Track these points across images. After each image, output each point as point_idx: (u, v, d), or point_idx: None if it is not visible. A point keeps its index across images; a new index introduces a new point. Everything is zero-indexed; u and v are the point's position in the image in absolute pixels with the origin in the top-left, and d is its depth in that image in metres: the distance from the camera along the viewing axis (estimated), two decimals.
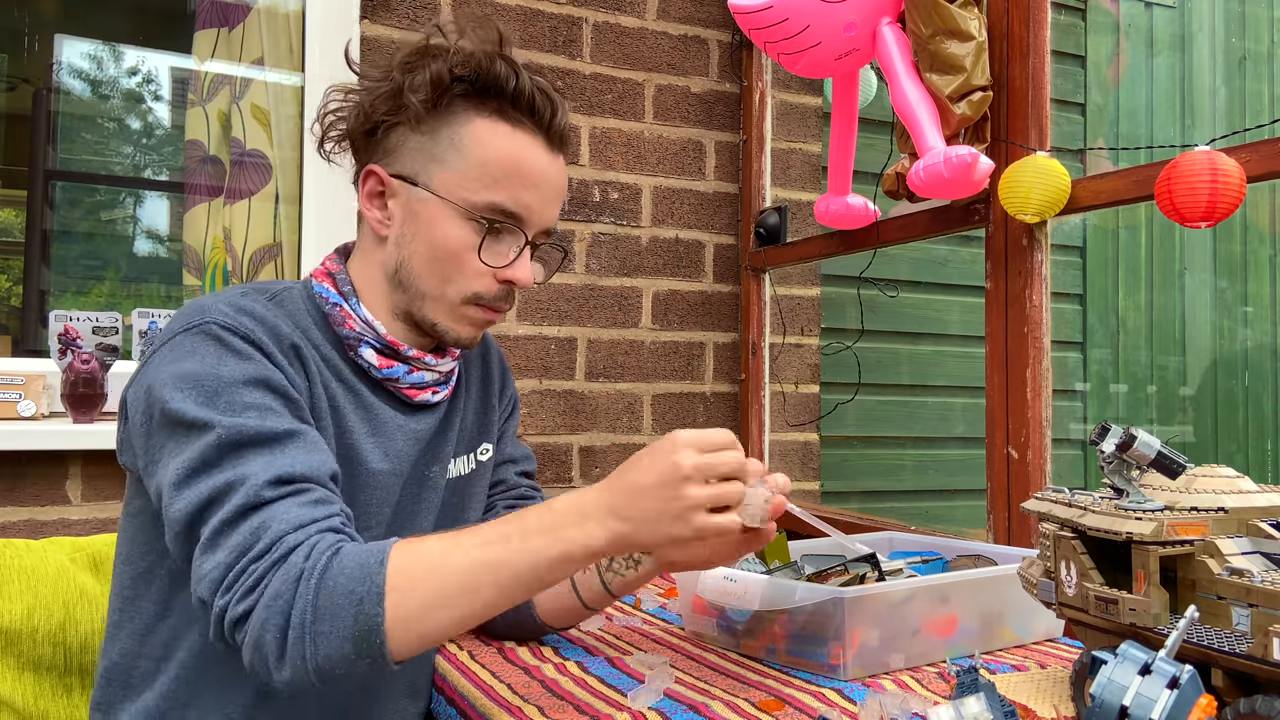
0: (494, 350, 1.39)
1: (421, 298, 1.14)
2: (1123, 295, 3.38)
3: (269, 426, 0.97)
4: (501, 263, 1.13)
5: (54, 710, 1.33)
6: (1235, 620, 0.84)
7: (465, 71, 1.10)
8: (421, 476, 1.21)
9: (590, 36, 2.29)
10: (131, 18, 2.98)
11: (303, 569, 0.88)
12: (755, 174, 2.36)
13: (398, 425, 1.17)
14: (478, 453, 1.31)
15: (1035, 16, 1.55)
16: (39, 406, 1.79)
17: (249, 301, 1.07)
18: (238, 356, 1.01)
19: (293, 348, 1.07)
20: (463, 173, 1.11)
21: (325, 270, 1.18)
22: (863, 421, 2.78)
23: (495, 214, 1.11)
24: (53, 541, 1.42)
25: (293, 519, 0.91)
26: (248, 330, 1.03)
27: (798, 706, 1.05)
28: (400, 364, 1.16)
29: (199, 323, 1.02)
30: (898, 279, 2.81)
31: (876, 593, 1.16)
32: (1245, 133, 1.46)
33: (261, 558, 0.89)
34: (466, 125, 1.12)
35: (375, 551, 0.90)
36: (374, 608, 0.87)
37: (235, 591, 0.89)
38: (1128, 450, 0.94)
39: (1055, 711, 1.02)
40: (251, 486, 0.92)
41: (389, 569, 0.88)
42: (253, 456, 0.95)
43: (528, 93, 1.12)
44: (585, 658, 1.26)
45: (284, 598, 0.87)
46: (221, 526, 0.91)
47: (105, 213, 2.94)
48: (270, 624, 0.87)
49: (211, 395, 0.97)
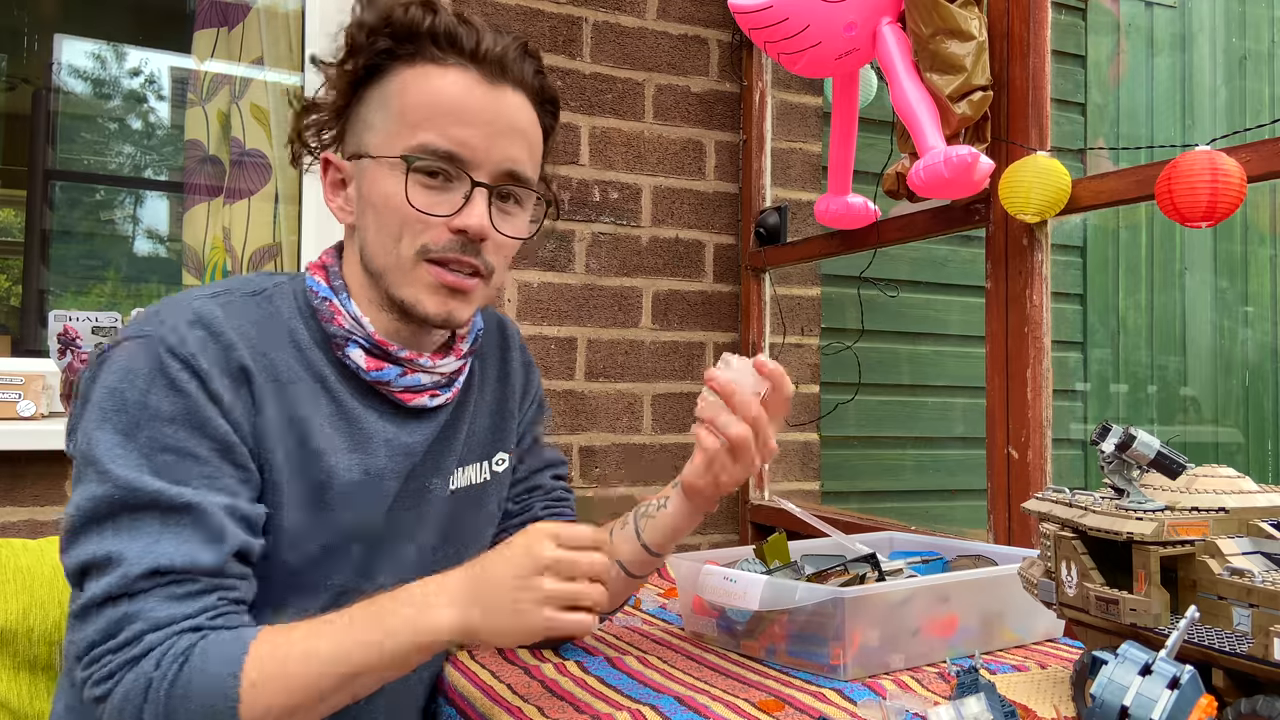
0: (514, 340, 1.29)
1: (384, 274, 1.05)
2: (1123, 295, 3.38)
3: (167, 494, 0.92)
4: (448, 210, 1.03)
5: (50, 710, 1.32)
6: (1236, 620, 0.84)
7: (375, 21, 1.04)
8: (419, 489, 1.12)
9: (590, 36, 2.29)
10: (131, 17, 2.98)
11: (150, 679, 0.88)
12: (755, 174, 2.36)
13: (384, 439, 1.08)
14: (493, 462, 1.22)
15: (1035, 16, 1.55)
16: (38, 406, 1.79)
17: (213, 307, 1.00)
18: (169, 388, 0.95)
19: (240, 370, 0.99)
20: (388, 127, 1.04)
21: (320, 263, 1.12)
22: (863, 421, 2.78)
23: (422, 154, 1.02)
24: (50, 541, 1.41)
25: (157, 617, 0.90)
26: (189, 355, 0.96)
27: (798, 707, 1.04)
28: (391, 365, 1.07)
29: (148, 334, 0.97)
30: (898, 279, 2.80)
31: (876, 593, 1.16)
32: (1245, 133, 1.46)
33: (117, 651, 0.89)
34: (392, 79, 1.05)
35: (230, 661, 0.89)
36: (229, 719, 0.88)
37: (91, 674, 0.90)
38: (1128, 450, 0.94)
39: (1055, 712, 1.02)
40: (126, 574, 0.90)
41: (244, 680, 0.88)
42: (141, 529, 0.92)
43: (445, 26, 1.03)
44: (585, 658, 1.26)
45: (133, 704, 0.88)
46: (90, 604, 0.91)
47: (105, 213, 2.94)
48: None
49: (134, 426, 0.93)
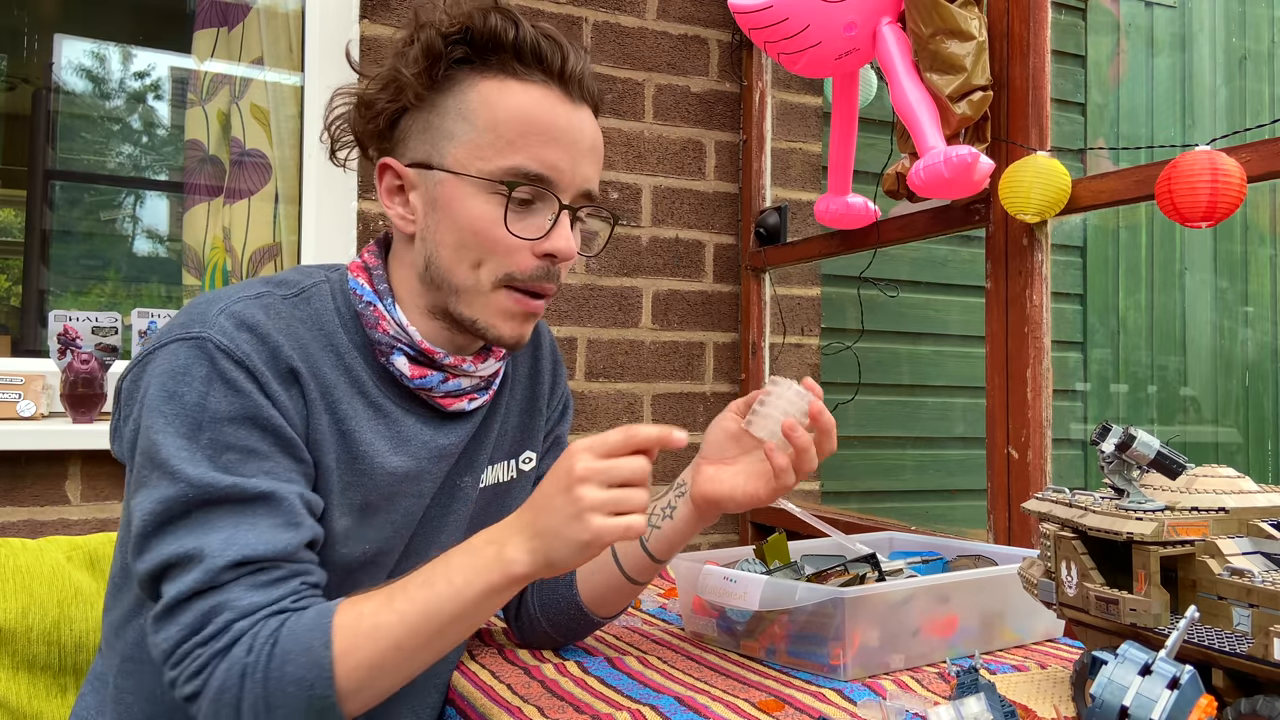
0: (546, 341, 1.28)
1: (455, 293, 1.04)
2: (1123, 295, 3.38)
3: (239, 487, 0.93)
4: (537, 234, 1.02)
5: (48, 710, 1.32)
6: (1236, 620, 0.84)
7: (456, 30, 1.01)
8: (452, 487, 1.13)
9: (590, 36, 2.29)
10: (131, 17, 2.98)
11: (245, 665, 0.88)
12: (755, 174, 2.35)
13: (423, 441, 1.08)
14: (520, 460, 1.23)
15: (1035, 16, 1.55)
16: (38, 406, 1.79)
17: (255, 309, 0.99)
18: (227, 386, 0.94)
19: (290, 372, 0.99)
20: (475, 141, 1.01)
21: (362, 264, 1.09)
22: (863, 421, 2.78)
23: (518, 178, 1.00)
24: (49, 540, 1.41)
25: (243, 605, 0.91)
26: (243, 355, 0.96)
27: (798, 707, 1.04)
28: (435, 372, 1.07)
29: (196, 336, 0.96)
30: (898, 279, 2.80)
31: (876, 593, 1.16)
32: (1245, 132, 1.46)
33: (207, 644, 0.90)
34: (471, 90, 1.02)
35: (318, 632, 0.90)
36: (325, 690, 0.89)
37: (182, 671, 0.90)
38: (1127, 450, 0.94)
39: (1055, 712, 1.01)
40: (210, 567, 0.90)
41: (334, 649, 0.89)
42: (218, 523, 0.92)
43: (530, 40, 1.01)
44: (585, 658, 1.26)
45: (230, 692, 0.88)
46: (176, 601, 0.91)
47: (105, 212, 2.94)
48: (223, 717, 0.89)
49: (195, 428, 0.93)
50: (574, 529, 0.90)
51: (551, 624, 1.26)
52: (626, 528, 0.90)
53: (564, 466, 0.91)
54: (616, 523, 0.90)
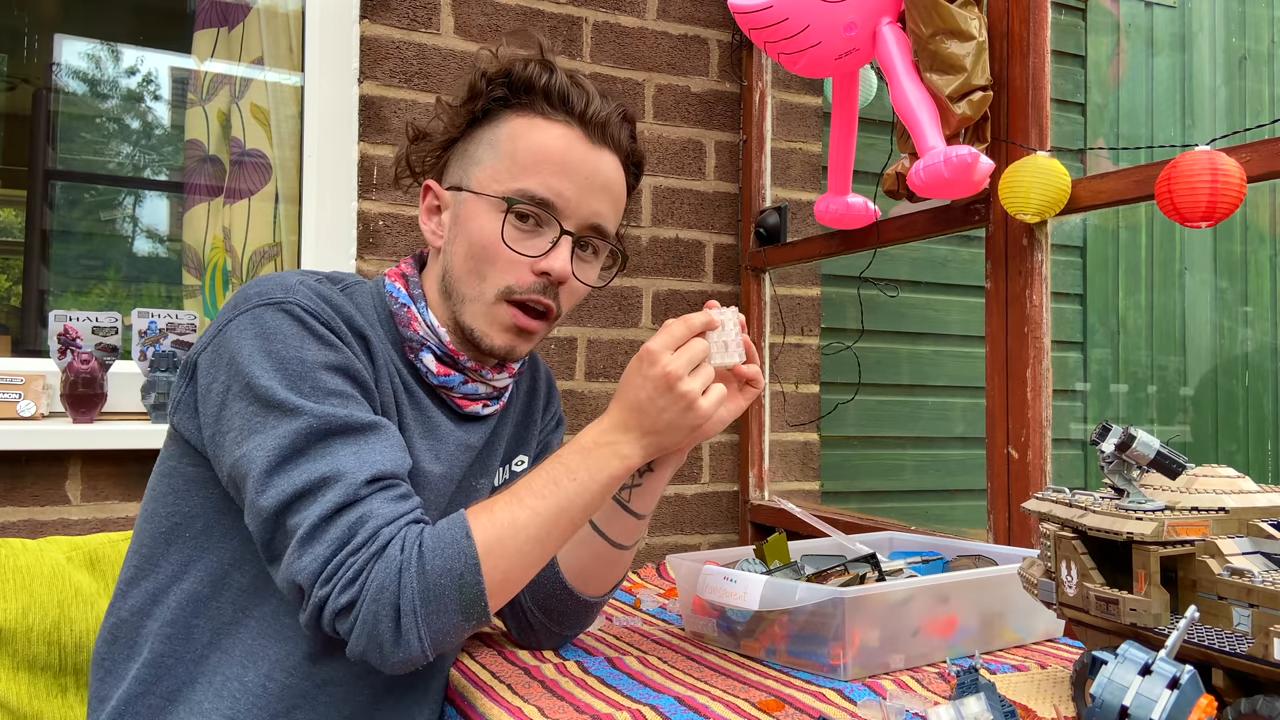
0: (543, 371, 1.39)
1: (462, 301, 1.15)
2: (1123, 295, 3.38)
3: (355, 417, 1.01)
4: (535, 253, 1.13)
5: (48, 710, 1.32)
6: (1236, 620, 0.84)
7: (496, 73, 1.15)
8: (470, 486, 1.23)
9: (590, 36, 2.29)
10: (131, 18, 2.98)
11: (400, 561, 0.95)
12: (755, 174, 2.35)
13: (449, 432, 1.18)
14: (513, 464, 1.31)
15: (1035, 16, 1.55)
16: (38, 406, 1.79)
17: (325, 288, 1.09)
18: (319, 341, 1.03)
19: (363, 339, 1.10)
20: (495, 166, 1.14)
21: (400, 272, 1.21)
22: (863, 421, 2.78)
23: (522, 199, 1.12)
24: (49, 540, 1.41)
25: (386, 514, 0.97)
26: (328, 317, 1.05)
27: (798, 707, 1.04)
28: (457, 373, 1.17)
29: (281, 300, 1.04)
30: (898, 279, 2.80)
31: (876, 593, 1.16)
32: (1245, 133, 1.46)
33: (359, 550, 0.95)
34: (503, 124, 1.15)
35: (458, 528, 0.98)
36: (474, 578, 0.96)
37: (336, 583, 0.94)
38: (1127, 450, 0.94)
39: (1055, 711, 1.02)
40: (350, 483, 0.97)
41: (476, 541, 0.97)
42: (341, 448, 0.99)
43: (560, 86, 1.14)
44: (585, 658, 1.26)
45: (389, 589, 0.94)
46: (320, 521, 0.96)
47: (105, 213, 2.93)
48: (382, 615, 0.94)
49: (296, 378, 1.00)
50: (688, 419, 1.03)
51: (543, 610, 1.27)
52: (719, 400, 1.05)
53: (655, 372, 1.02)
54: (714, 398, 1.04)
